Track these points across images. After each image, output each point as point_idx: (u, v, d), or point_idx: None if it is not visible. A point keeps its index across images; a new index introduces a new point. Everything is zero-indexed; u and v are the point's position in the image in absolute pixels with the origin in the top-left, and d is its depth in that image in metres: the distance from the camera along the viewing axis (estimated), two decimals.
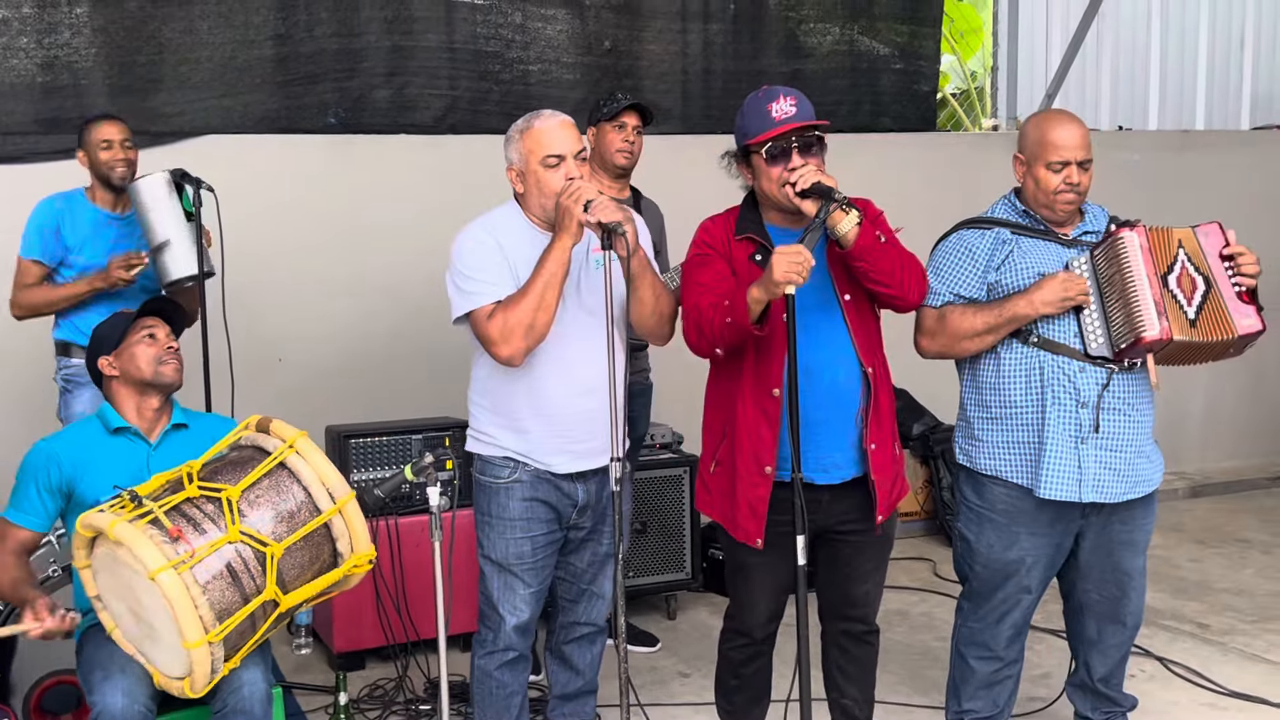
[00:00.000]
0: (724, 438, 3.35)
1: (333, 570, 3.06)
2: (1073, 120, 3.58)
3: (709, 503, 3.46)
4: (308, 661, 4.86)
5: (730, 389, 3.33)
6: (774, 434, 3.24)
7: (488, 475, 3.48)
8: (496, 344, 3.27)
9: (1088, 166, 3.52)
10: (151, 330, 3.43)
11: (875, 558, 3.45)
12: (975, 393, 3.63)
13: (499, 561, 3.47)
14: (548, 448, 3.42)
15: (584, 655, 3.72)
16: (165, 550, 2.80)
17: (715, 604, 5.51)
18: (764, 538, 3.27)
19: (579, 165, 3.34)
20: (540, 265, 3.26)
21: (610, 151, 4.56)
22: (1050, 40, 8.14)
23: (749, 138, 3.25)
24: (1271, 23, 8.74)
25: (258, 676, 3.15)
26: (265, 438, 3.09)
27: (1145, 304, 3.35)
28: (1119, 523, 3.60)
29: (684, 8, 6.44)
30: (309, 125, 5.69)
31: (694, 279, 3.31)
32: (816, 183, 3.11)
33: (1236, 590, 5.71)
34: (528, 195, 3.40)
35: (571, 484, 3.46)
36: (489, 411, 3.47)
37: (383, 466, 4.76)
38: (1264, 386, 8.04)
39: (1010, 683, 3.79)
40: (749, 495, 3.28)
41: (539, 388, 3.39)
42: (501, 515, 3.45)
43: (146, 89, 5.42)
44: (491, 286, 3.32)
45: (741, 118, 3.29)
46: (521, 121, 3.41)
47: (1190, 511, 7.17)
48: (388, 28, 5.77)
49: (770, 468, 3.25)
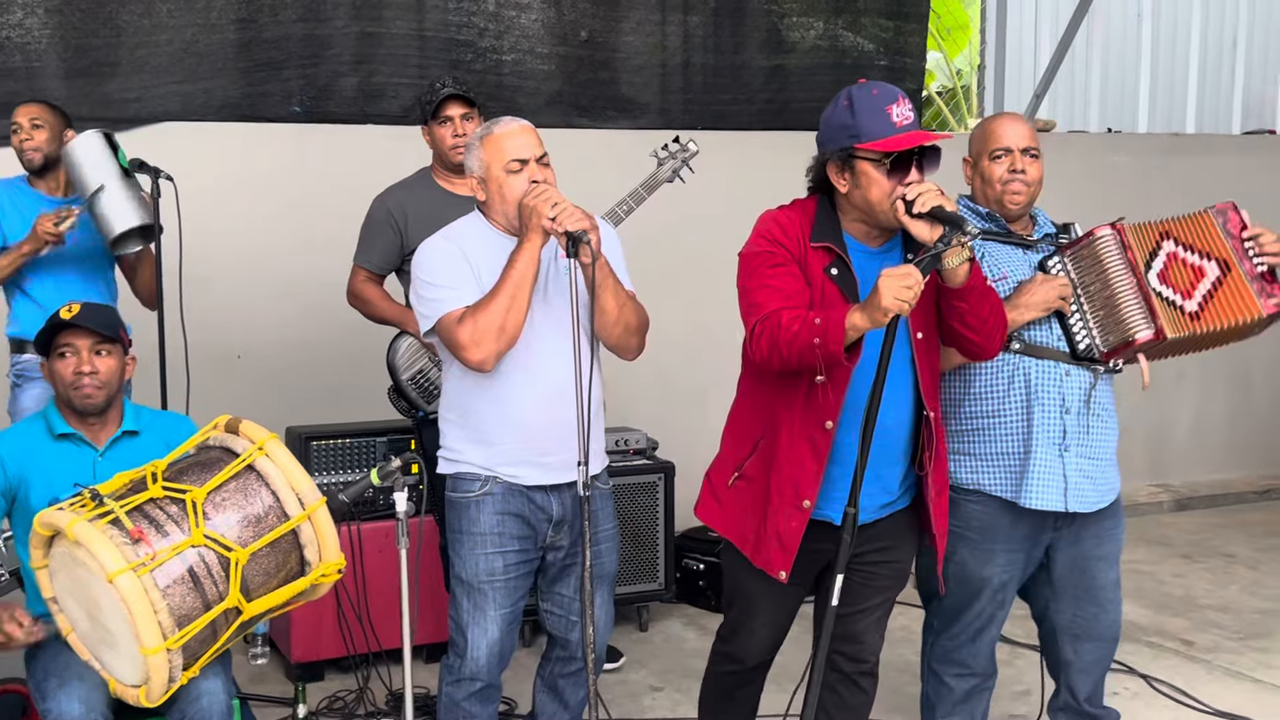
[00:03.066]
0: (754, 452, 3.13)
1: (300, 579, 3.00)
2: (1016, 117, 3.58)
3: (718, 515, 3.24)
4: (264, 672, 4.76)
5: (775, 407, 3.08)
6: (820, 468, 3.02)
7: (458, 491, 3.38)
8: (467, 348, 3.18)
9: (1036, 156, 3.45)
10: (66, 347, 3.31)
11: (885, 591, 3.26)
12: (954, 404, 3.53)
13: (469, 580, 3.36)
14: (517, 459, 3.32)
15: (576, 691, 3.61)
16: (125, 552, 2.74)
17: (689, 615, 5.43)
18: (789, 572, 3.07)
19: (542, 168, 3.27)
20: (509, 267, 3.18)
21: (445, 150, 4.35)
22: (1039, 39, 8.09)
23: (863, 140, 2.91)
24: (1264, 26, 8.69)
25: (218, 687, 3.11)
26: (234, 439, 3.02)
27: (1133, 304, 3.32)
28: (1090, 537, 3.54)
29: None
30: (272, 113, 5.57)
31: (768, 282, 3.00)
32: (939, 206, 2.84)
33: (1222, 607, 5.66)
34: (490, 203, 3.33)
35: (545, 496, 3.36)
36: (458, 426, 3.39)
37: (345, 469, 4.69)
38: (1251, 399, 8.00)
39: (986, 695, 3.75)
40: (780, 526, 3.07)
41: (506, 397, 3.29)
42: (472, 530, 3.35)
43: (102, 73, 5.29)
44: (456, 292, 3.24)
45: (849, 113, 2.95)
46: (480, 130, 3.36)
47: (1175, 525, 7.12)
48: (355, 14, 5.65)
49: (809, 502, 3.04)
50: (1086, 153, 7.32)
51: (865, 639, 3.30)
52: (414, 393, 4.43)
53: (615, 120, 6.17)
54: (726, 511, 3.22)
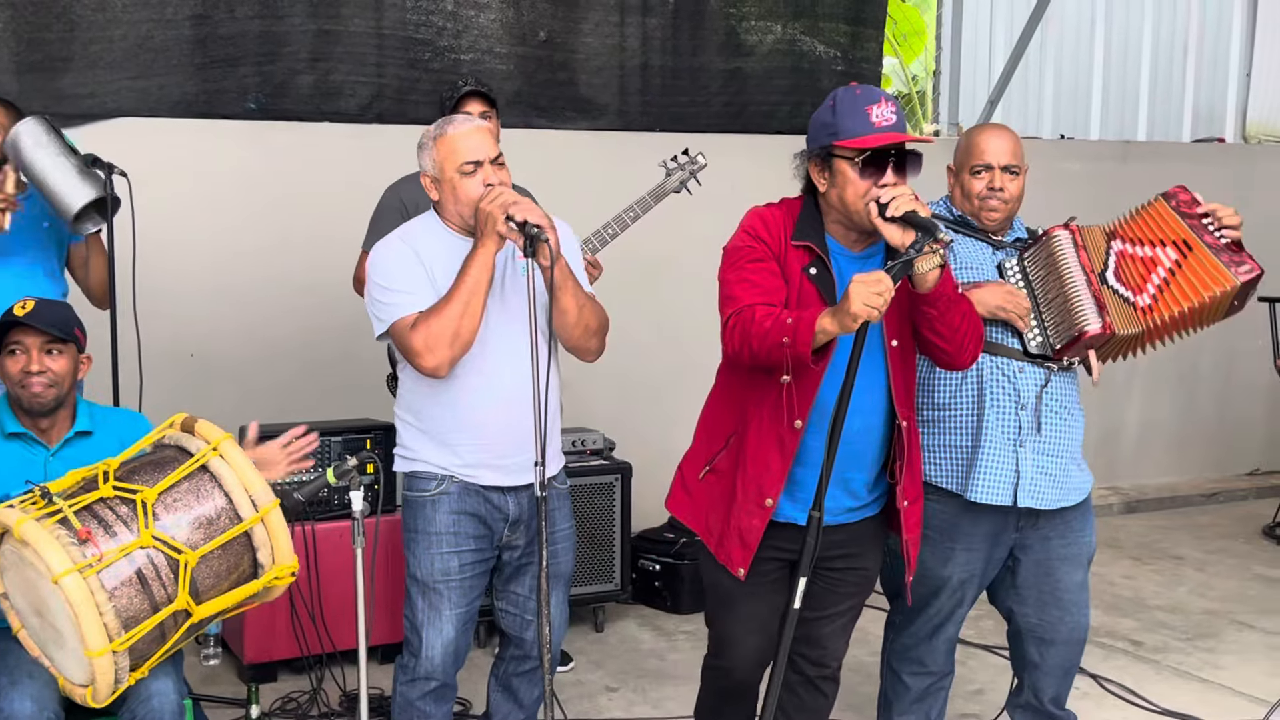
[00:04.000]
0: (725, 447, 3.12)
1: (252, 581, 2.97)
2: (1003, 131, 3.56)
3: (687, 507, 3.24)
4: (216, 672, 4.71)
5: (747, 403, 3.07)
6: (785, 467, 3.01)
7: (415, 490, 3.36)
8: (420, 355, 3.15)
9: (1016, 173, 3.47)
10: (16, 344, 3.26)
11: (844, 600, 3.25)
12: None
13: (424, 580, 3.34)
14: (474, 460, 3.30)
15: (530, 690, 3.60)
16: (72, 553, 2.70)
17: (644, 616, 5.43)
18: (748, 569, 3.06)
19: (497, 170, 3.24)
20: (463, 272, 3.15)
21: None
22: (994, 46, 8.13)
23: (841, 138, 2.92)
24: (1214, 35, 8.79)
25: (168, 688, 3.08)
26: (189, 438, 2.98)
27: (1084, 300, 3.34)
28: (1057, 537, 3.54)
29: (623, 0, 6.28)
30: (228, 110, 5.49)
31: (746, 275, 2.99)
32: (912, 211, 2.81)
33: (1170, 608, 5.72)
34: (444, 203, 3.30)
35: (501, 496, 3.34)
36: (414, 427, 3.37)
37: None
38: (1199, 401, 8.10)
39: (942, 694, 3.77)
40: (743, 522, 3.06)
41: (463, 400, 3.27)
42: (428, 529, 3.33)
43: (56, 68, 5.20)
44: (411, 296, 3.20)
45: (831, 112, 2.95)
46: (433, 128, 3.30)
47: (1125, 527, 7.19)
48: (313, 11, 5.58)
49: (771, 500, 3.03)
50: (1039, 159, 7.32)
51: (828, 644, 3.29)
52: None
53: (574, 121, 6.15)
54: (695, 504, 3.21)
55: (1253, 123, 8.91)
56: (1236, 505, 7.71)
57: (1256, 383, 7.95)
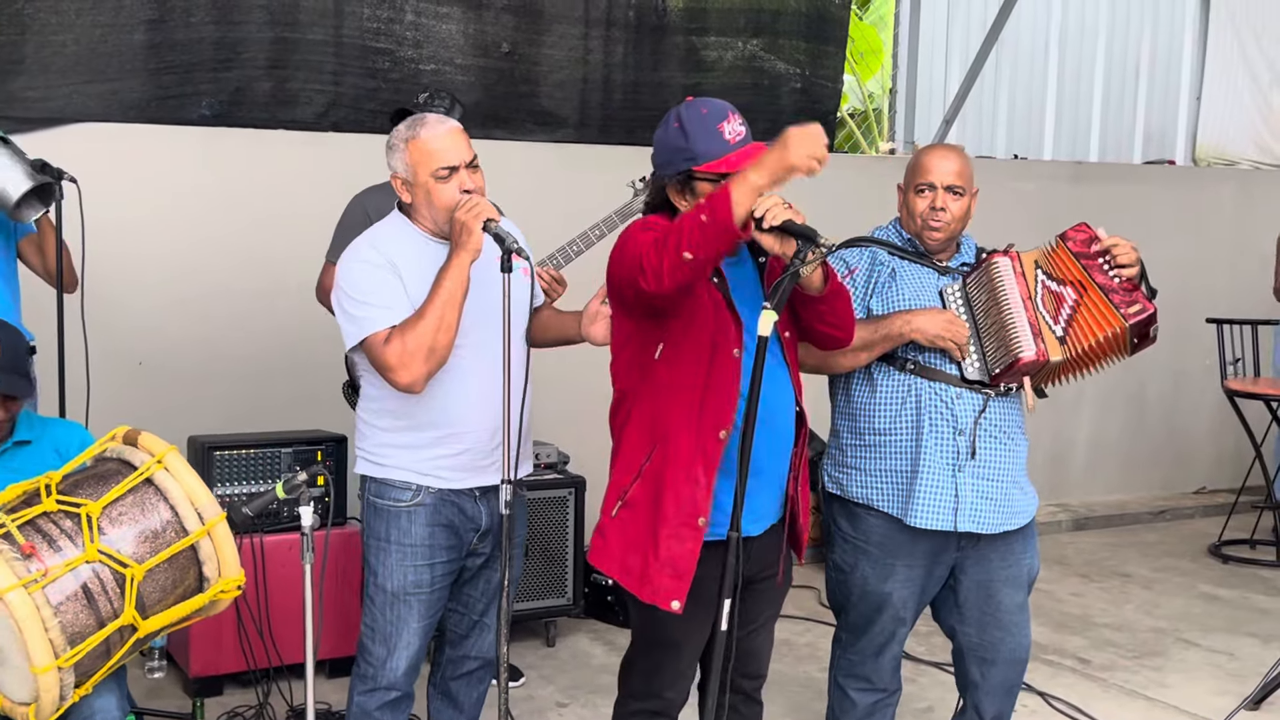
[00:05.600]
0: (639, 476, 2.93)
1: (198, 595, 2.94)
2: (951, 151, 3.55)
3: (602, 553, 3.01)
4: (161, 686, 4.66)
5: (661, 422, 2.92)
6: (711, 481, 2.87)
7: (386, 498, 3.28)
8: (395, 370, 3.08)
9: (960, 194, 3.47)
10: None
11: (774, 604, 3.23)
12: (849, 420, 3.57)
13: (394, 591, 3.28)
14: (449, 464, 3.25)
15: (470, 692, 3.55)
16: (16, 568, 2.67)
17: (596, 630, 5.42)
18: (684, 600, 2.87)
19: (472, 174, 3.19)
20: (438, 284, 3.08)
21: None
22: (950, 65, 8.19)
23: (699, 162, 2.86)
24: (1165, 59, 8.91)
25: (111, 704, 3.03)
26: (133, 450, 2.95)
27: (1020, 326, 3.36)
28: (998, 559, 3.54)
29: (586, 14, 6.27)
30: (181, 116, 5.41)
31: (642, 236, 2.82)
32: (789, 221, 2.72)
33: (1118, 625, 5.76)
34: (416, 207, 3.23)
35: (475, 505, 3.30)
36: (385, 431, 3.29)
37: (249, 481, 4.57)
38: (1147, 420, 8.18)
39: (890, 710, 3.75)
40: (673, 551, 2.87)
41: (439, 403, 3.21)
42: (403, 541, 3.26)
43: (6, 70, 5.11)
44: (384, 310, 3.12)
45: (681, 135, 2.89)
46: (404, 129, 3.21)
47: (1073, 544, 7.24)
48: (270, 18, 5.52)
49: (704, 519, 2.87)
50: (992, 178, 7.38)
51: (762, 653, 3.25)
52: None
53: (533, 133, 6.14)
54: (609, 547, 2.99)
55: (1202, 145, 9.04)
56: (1184, 523, 7.79)
57: (1204, 401, 8.04)
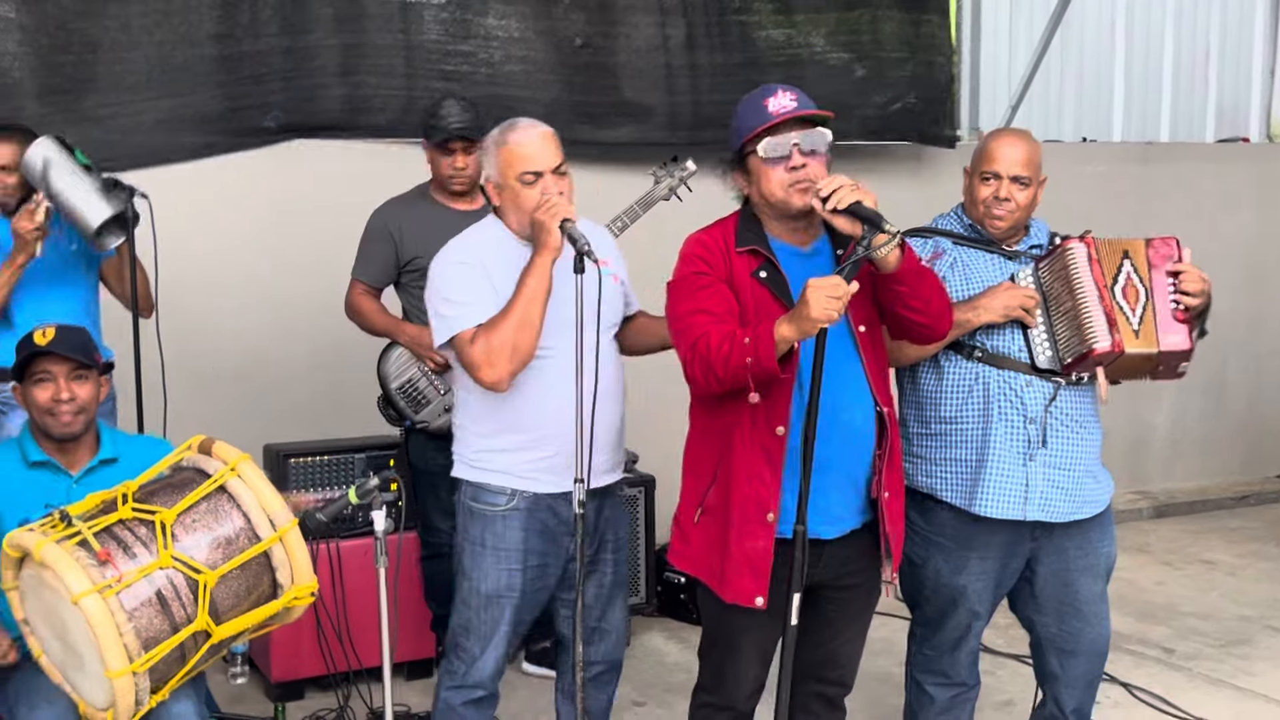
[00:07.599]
0: (714, 483, 3.01)
1: (272, 601, 2.97)
2: (1020, 138, 3.49)
3: (688, 557, 3.12)
4: (243, 691, 4.72)
5: (725, 425, 2.99)
6: (777, 477, 2.92)
7: (482, 502, 3.34)
8: (480, 368, 3.14)
9: (1026, 185, 3.42)
10: (43, 374, 3.25)
11: (862, 613, 3.23)
12: (915, 409, 3.54)
13: (489, 593, 3.34)
14: (544, 467, 3.29)
15: (599, 698, 3.57)
16: (91, 574, 2.72)
17: (670, 629, 5.42)
18: (768, 596, 2.93)
19: (558, 179, 3.23)
20: (521, 284, 3.14)
21: (442, 176, 4.46)
22: (1015, 50, 8.08)
23: (744, 135, 2.94)
24: (1236, 35, 8.72)
25: (189, 710, 3.07)
26: (207, 459, 3.00)
27: (1095, 316, 3.30)
28: (1075, 548, 3.51)
29: (661, 2, 6.09)
30: (250, 127, 5.44)
31: (698, 304, 2.94)
32: (857, 203, 2.76)
33: (1203, 614, 5.67)
34: (505, 209, 3.30)
35: (569, 508, 3.28)
36: (481, 435, 3.35)
37: (323, 487, 4.64)
38: (1227, 405, 8.03)
39: (969, 705, 3.74)
40: (747, 548, 2.94)
41: (527, 407, 3.26)
42: (499, 545, 3.32)
43: (79, 89, 5.16)
44: (473, 309, 3.19)
45: (736, 119, 2.98)
46: (497, 133, 3.29)
47: (1155, 532, 7.13)
48: (337, 26, 5.51)
49: (773, 514, 2.92)
50: (1061, 162, 7.30)
51: (849, 663, 3.27)
52: (402, 402, 4.48)
53: (619, 125, 6.02)
54: (693, 549, 3.10)
55: (1277, 121, 8.84)
56: (1267, 508, 7.65)
57: None
